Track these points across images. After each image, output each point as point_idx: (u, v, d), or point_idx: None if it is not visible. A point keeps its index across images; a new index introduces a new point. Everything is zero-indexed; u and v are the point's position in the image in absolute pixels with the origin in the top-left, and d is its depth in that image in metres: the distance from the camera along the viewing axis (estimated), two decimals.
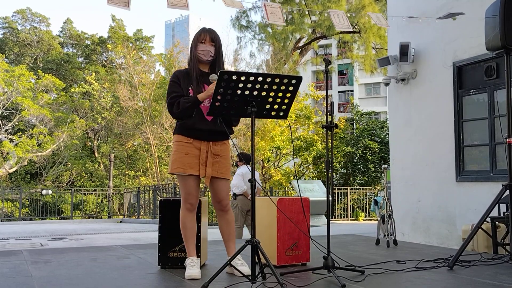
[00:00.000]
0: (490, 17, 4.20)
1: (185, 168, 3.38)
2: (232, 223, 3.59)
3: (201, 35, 3.50)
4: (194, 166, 3.40)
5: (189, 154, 3.40)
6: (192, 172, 3.39)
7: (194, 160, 3.40)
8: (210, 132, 3.41)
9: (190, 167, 3.39)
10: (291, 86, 3.13)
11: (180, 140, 3.44)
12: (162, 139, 21.75)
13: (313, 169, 21.25)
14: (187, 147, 3.41)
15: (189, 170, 3.39)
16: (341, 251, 4.91)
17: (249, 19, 21.24)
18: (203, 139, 3.43)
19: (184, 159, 3.39)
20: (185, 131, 3.44)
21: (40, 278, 3.47)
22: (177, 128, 3.50)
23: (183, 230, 3.48)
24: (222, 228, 3.57)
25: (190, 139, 3.42)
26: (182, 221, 3.48)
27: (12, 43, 34.09)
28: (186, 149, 3.41)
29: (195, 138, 3.42)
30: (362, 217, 17.92)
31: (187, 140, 3.42)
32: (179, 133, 3.46)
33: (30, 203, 20.53)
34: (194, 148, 3.42)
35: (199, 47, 3.48)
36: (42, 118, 25.26)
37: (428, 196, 7.73)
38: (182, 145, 3.42)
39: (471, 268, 3.88)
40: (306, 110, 21.70)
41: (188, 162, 3.39)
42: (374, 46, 19.68)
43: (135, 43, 32.84)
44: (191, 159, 3.40)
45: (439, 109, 7.64)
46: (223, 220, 3.56)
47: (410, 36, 8.14)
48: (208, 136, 3.43)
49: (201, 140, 3.43)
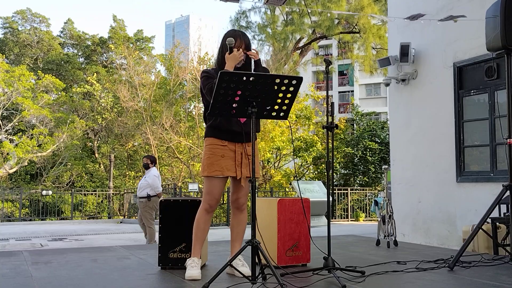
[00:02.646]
0: (490, 18, 4.20)
1: (223, 171, 3.40)
2: (244, 224, 3.60)
3: (237, 41, 3.42)
4: (230, 168, 3.42)
5: (225, 156, 3.42)
6: (230, 174, 3.42)
7: (230, 162, 3.42)
8: (243, 133, 3.42)
9: (228, 169, 3.41)
10: (291, 87, 3.13)
11: (214, 143, 3.44)
12: (162, 140, 21.76)
13: (313, 169, 21.25)
14: (222, 150, 3.42)
15: (227, 172, 3.41)
16: (342, 252, 4.91)
17: (248, 19, 21.28)
18: (237, 141, 3.45)
19: (221, 161, 3.40)
20: (219, 134, 3.43)
21: (40, 279, 3.47)
22: (210, 131, 3.48)
23: (195, 229, 3.49)
24: (233, 227, 3.58)
25: (225, 142, 3.43)
26: (197, 221, 3.49)
27: (12, 44, 34.10)
28: (222, 152, 3.42)
29: (229, 141, 3.43)
30: (362, 217, 17.92)
31: (222, 143, 3.43)
32: (212, 136, 3.45)
33: (30, 204, 20.51)
34: (229, 150, 3.43)
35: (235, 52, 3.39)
36: (42, 119, 25.26)
37: (428, 196, 7.73)
38: (217, 148, 3.42)
39: (472, 269, 3.87)
40: (307, 110, 21.70)
41: (225, 165, 3.41)
42: (374, 47, 19.69)
43: (136, 43, 32.84)
44: (227, 161, 3.42)
45: (439, 109, 7.64)
46: (237, 219, 3.58)
47: (410, 37, 8.14)
48: (242, 138, 3.44)
49: (235, 142, 3.44)
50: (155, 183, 8.40)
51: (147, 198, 8.29)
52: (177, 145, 22.14)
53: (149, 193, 8.30)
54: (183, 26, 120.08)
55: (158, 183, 8.46)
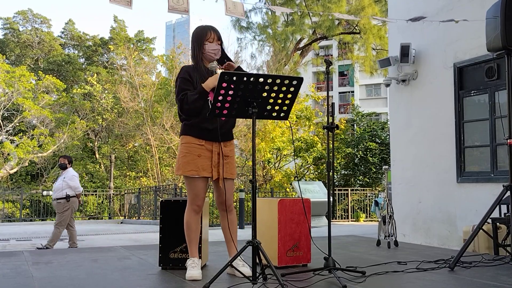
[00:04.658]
0: (491, 18, 4.20)
1: (199, 170, 3.36)
2: (235, 223, 3.58)
3: (207, 34, 3.46)
4: (207, 168, 3.38)
5: (201, 156, 3.38)
6: (205, 174, 3.38)
7: (207, 162, 3.38)
8: (220, 132, 3.37)
9: (203, 169, 3.37)
10: (292, 87, 3.13)
11: (191, 141, 3.39)
12: (162, 140, 21.76)
13: (314, 170, 21.25)
14: (199, 149, 3.38)
15: (202, 173, 3.37)
16: (342, 252, 4.91)
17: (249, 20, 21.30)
18: (215, 140, 3.40)
19: (197, 161, 3.36)
20: (195, 132, 3.39)
21: (41, 279, 3.47)
22: (186, 128, 3.43)
23: (187, 231, 3.48)
24: (225, 229, 3.54)
25: (202, 141, 3.39)
26: (187, 222, 3.48)
27: (13, 44, 34.13)
28: (198, 151, 3.38)
29: (206, 140, 3.39)
30: (362, 218, 17.91)
31: (199, 142, 3.38)
32: (189, 134, 3.41)
33: (31, 204, 20.52)
34: (206, 150, 3.40)
35: (208, 46, 3.45)
36: (43, 119, 25.27)
37: (428, 197, 7.73)
38: (193, 147, 3.38)
39: (472, 269, 3.88)
40: (307, 111, 21.70)
41: (201, 164, 3.37)
42: (374, 47, 19.70)
43: (136, 44, 32.86)
44: (204, 161, 3.38)
45: (440, 110, 7.64)
46: (226, 220, 3.53)
47: (410, 37, 8.14)
48: (219, 137, 3.39)
49: (212, 141, 3.40)
50: (76, 183, 8.24)
51: (66, 198, 8.09)
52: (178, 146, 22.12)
53: (69, 194, 8.11)
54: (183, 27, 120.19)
55: (78, 183, 8.31)
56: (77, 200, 8.27)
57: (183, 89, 3.38)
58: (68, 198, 8.10)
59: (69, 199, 8.12)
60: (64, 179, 8.28)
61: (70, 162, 8.55)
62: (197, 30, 3.53)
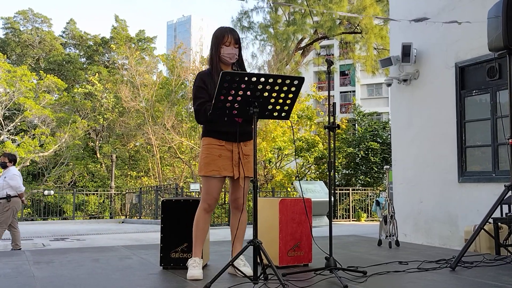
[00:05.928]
0: (492, 18, 4.20)
1: (220, 170, 3.42)
2: (245, 224, 3.58)
3: (225, 37, 3.46)
4: (228, 167, 3.43)
5: (222, 156, 3.42)
6: (227, 174, 3.43)
7: (228, 162, 3.43)
8: (240, 133, 3.43)
9: (224, 168, 3.42)
10: (293, 87, 3.13)
11: (211, 143, 3.44)
12: (164, 140, 21.77)
13: (315, 169, 21.25)
14: (219, 150, 3.43)
15: (224, 172, 3.42)
16: (343, 252, 4.91)
17: (250, 20, 21.30)
18: (234, 141, 3.45)
19: (218, 161, 3.41)
20: (216, 134, 3.44)
21: (42, 279, 3.48)
22: (207, 131, 3.49)
23: (195, 229, 3.49)
24: (233, 227, 3.56)
25: (222, 142, 3.44)
26: (197, 220, 3.50)
27: (14, 44, 34.17)
28: (219, 152, 3.43)
29: (226, 140, 3.44)
30: (364, 218, 17.90)
31: (219, 143, 3.43)
32: (210, 136, 3.46)
33: (32, 204, 20.54)
34: (226, 150, 3.44)
35: (225, 49, 3.45)
36: (44, 119, 25.31)
37: (430, 197, 7.72)
38: (214, 148, 3.43)
39: (474, 269, 3.87)
40: (308, 110, 21.70)
41: (222, 164, 3.42)
42: (376, 47, 19.69)
43: (138, 43, 32.89)
44: (224, 161, 3.43)
45: (441, 109, 7.63)
46: (237, 219, 3.55)
47: (412, 37, 8.13)
48: (239, 137, 3.44)
49: (232, 141, 3.45)
50: (17, 182, 7.85)
51: (7, 198, 7.73)
52: (179, 145, 22.15)
53: (10, 193, 7.75)
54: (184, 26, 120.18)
55: (20, 182, 7.91)
56: (19, 200, 7.91)
57: (198, 98, 3.44)
58: (9, 198, 7.74)
59: (10, 199, 7.75)
60: (5, 178, 7.87)
61: (12, 161, 8.12)
62: (216, 33, 3.53)
